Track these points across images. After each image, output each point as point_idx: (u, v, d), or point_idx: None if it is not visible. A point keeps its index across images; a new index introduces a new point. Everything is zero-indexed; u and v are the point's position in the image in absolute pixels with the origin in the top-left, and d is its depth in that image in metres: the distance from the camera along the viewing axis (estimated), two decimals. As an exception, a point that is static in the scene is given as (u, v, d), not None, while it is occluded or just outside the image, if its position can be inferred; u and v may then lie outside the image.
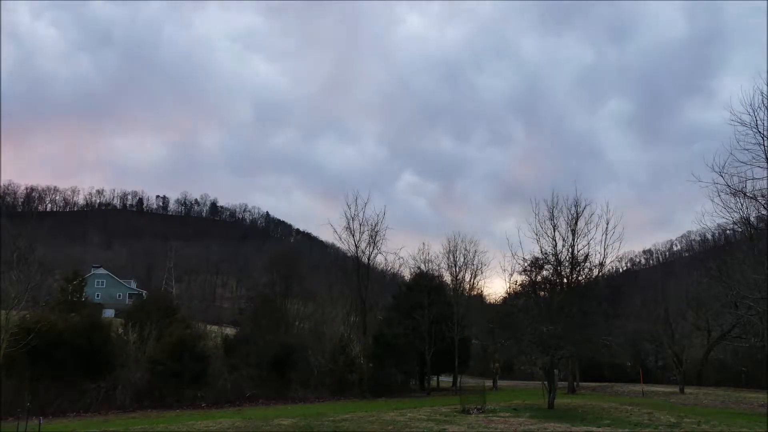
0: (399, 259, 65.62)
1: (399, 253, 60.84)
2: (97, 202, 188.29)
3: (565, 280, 30.00)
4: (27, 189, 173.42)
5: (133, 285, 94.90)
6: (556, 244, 29.79)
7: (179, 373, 29.64)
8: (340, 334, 40.15)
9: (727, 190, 19.88)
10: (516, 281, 31.48)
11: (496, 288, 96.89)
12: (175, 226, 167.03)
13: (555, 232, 29.95)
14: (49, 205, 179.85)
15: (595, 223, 31.28)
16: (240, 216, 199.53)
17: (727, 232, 37.28)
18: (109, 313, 53.26)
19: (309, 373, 35.49)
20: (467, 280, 46.54)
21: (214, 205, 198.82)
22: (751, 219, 22.00)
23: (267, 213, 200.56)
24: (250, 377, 32.75)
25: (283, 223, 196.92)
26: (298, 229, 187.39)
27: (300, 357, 35.62)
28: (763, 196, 19.71)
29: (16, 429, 16.92)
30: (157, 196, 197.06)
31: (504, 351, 41.19)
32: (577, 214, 31.02)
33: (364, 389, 35.40)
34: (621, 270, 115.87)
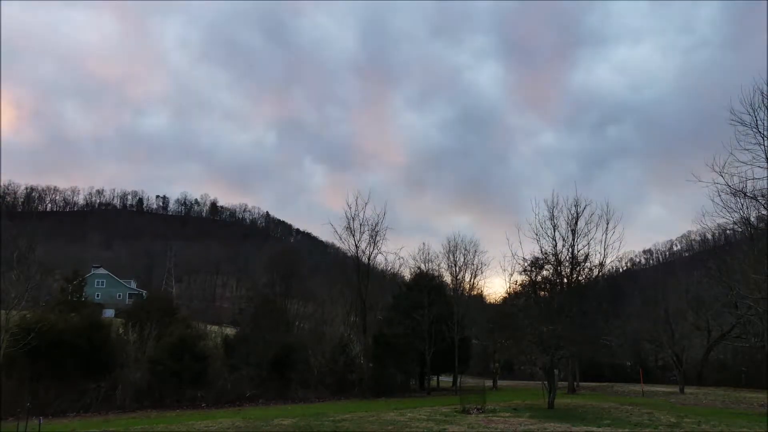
0: (399, 259, 65.92)
1: (399, 253, 61.13)
2: (97, 202, 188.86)
3: (565, 280, 30.01)
4: (27, 189, 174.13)
5: (133, 285, 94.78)
6: (556, 244, 29.84)
7: (179, 373, 29.67)
8: (340, 334, 40.18)
9: (728, 190, 19.84)
10: (516, 281, 31.61)
11: (496, 288, 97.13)
12: (175, 226, 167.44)
13: (555, 232, 29.99)
14: (49, 205, 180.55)
15: (595, 223, 31.39)
16: (240, 216, 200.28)
17: (727, 232, 37.23)
18: (109, 313, 53.23)
19: (309, 373, 35.52)
20: (467, 280, 46.65)
21: (214, 205, 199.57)
22: (751, 219, 21.96)
23: (267, 213, 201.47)
24: (250, 377, 32.74)
25: (283, 223, 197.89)
26: (298, 229, 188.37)
27: (300, 357, 35.62)
28: (763, 196, 19.67)
29: (16, 429, 16.93)
30: (157, 196, 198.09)
31: (504, 351, 41.19)
32: (577, 214, 31.09)
33: (364, 389, 35.40)
34: (621, 270, 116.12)
